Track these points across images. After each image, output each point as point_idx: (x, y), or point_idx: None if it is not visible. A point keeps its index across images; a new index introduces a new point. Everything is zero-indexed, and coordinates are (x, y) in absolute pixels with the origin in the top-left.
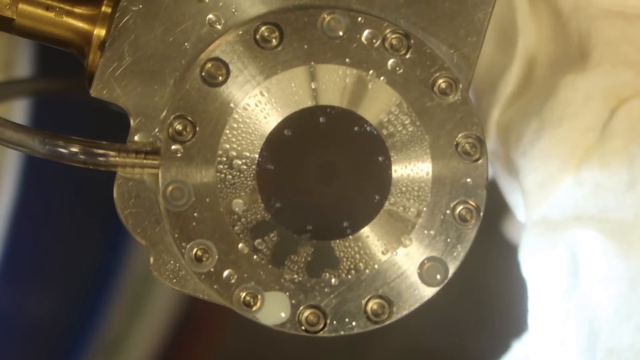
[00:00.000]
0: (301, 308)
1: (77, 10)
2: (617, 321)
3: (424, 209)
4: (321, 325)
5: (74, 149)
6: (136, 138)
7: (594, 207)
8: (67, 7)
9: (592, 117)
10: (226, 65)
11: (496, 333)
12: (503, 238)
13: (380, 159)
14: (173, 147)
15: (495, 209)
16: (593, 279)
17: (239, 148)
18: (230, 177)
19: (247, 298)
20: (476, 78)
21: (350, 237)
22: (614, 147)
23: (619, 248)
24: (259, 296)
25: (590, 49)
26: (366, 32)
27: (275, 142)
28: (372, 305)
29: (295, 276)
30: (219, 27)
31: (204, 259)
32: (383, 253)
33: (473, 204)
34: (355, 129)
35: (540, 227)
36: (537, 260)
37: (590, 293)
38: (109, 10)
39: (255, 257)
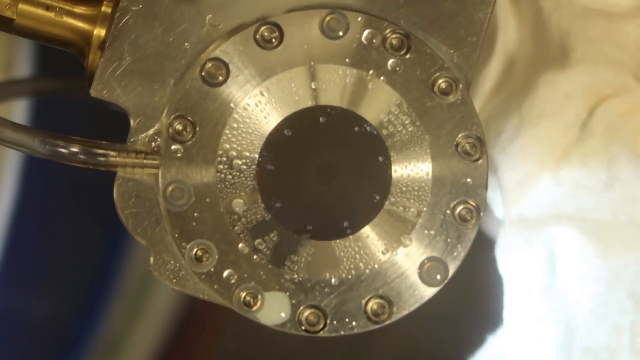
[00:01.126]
0: (301, 308)
1: (77, 10)
2: (593, 320)
3: (424, 208)
4: (321, 325)
5: (74, 149)
6: (136, 138)
7: (573, 206)
8: (67, 7)
9: (571, 115)
10: (226, 65)
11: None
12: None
13: (380, 159)
14: (173, 147)
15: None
16: (570, 278)
17: (239, 148)
18: (230, 177)
19: (247, 298)
20: None
21: (350, 237)
22: (593, 146)
23: (596, 247)
24: (259, 296)
25: (571, 47)
26: (366, 32)
27: (275, 142)
28: (372, 305)
29: (295, 276)
30: (219, 27)
31: (204, 259)
32: (383, 253)
33: (473, 204)
34: (355, 129)
35: (517, 225)
36: (514, 258)
37: (567, 292)
38: (109, 10)
39: (255, 257)
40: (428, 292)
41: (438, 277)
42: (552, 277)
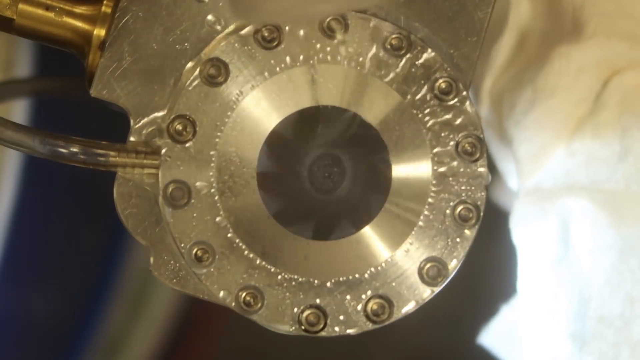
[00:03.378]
0: (301, 308)
1: (77, 10)
2: (607, 290)
3: (424, 209)
4: (321, 325)
5: (74, 149)
6: (136, 138)
7: (586, 177)
8: (67, 7)
9: (585, 88)
10: (226, 65)
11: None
12: (503, 238)
13: (380, 159)
14: (173, 147)
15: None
16: (584, 248)
17: (239, 148)
18: (230, 177)
19: (247, 298)
20: None
21: (350, 237)
22: (606, 118)
23: (610, 218)
24: (259, 296)
25: (585, 20)
26: (366, 32)
27: (275, 142)
28: (372, 305)
29: (296, 276)
30: (218, 27)
31: (204, 259)
32: (383, 253)
33: (473, 203)
34: (355, 129)
35: (532, 196)
36: (528, 229)
37: (580, 262)
38: (109, 10)
39: (255, 257)
40: (428, 292)
41: (438, 277)
42: (566, 247)
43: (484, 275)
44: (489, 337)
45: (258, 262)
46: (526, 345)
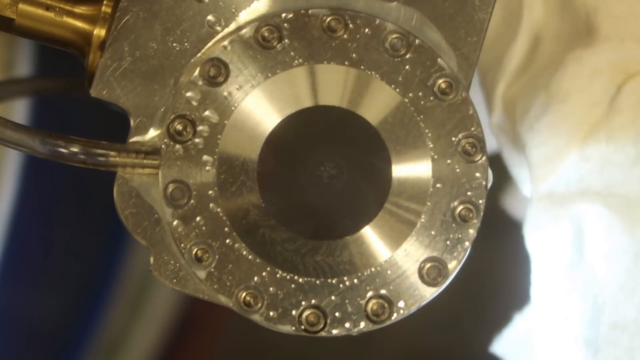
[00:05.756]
0: (301, 308)
1: (77, 10)
2: (621, 295)
3: (424, 209)
4: (321, 325)
5: (74, 149)
6: (136, 138)
7: (600, 182)
8: (67, 7)
9: (599, 92)
10: (226, 65)
11: (497, 332)
12: (503, 238)
13: (380, 159)
14: (173, 147)
15: (496, 207)
16: (598, 254)
17: (239, 148)
18: (230, 177)
19: (247, 298)
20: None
21: (350, 237)
22: (620, 122)
23: (624, 223)
24: (259, 296)
25: (598, 23)
26: (366, 32)
27: (275, 142)
28: (372, 305)
29: (296, 276)
30: (218, 27)
31: (204, 259)
32: (383, 253)
33: (473, 203)
34: (355, 129)
35: (545, 201)
36: (541, 235)
37: (594, 267)
38: (109, 10)
39: (255, 257)
40: (428, 292)
41: (438, 277)
42: (580, 253)
43: (486, 276)
44: (502, 346)
45: (258, 262)
46: (539, 352)
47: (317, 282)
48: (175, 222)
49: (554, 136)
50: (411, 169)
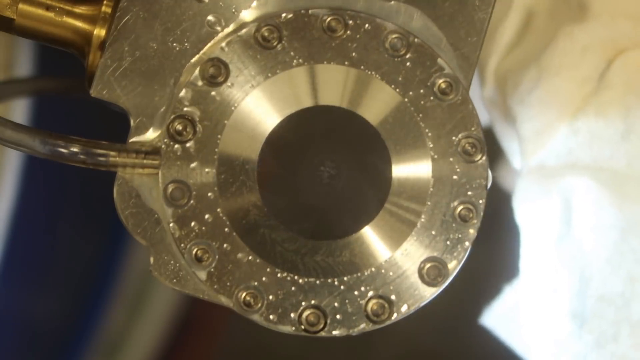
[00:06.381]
0: (301, 308)
1: (77, 10)
2: (608, 269)
3: (424, 209)
4: (321, 325)
5: (74, 149)
6: (136, 138)
7: (589, 155)
8: (67, 7)
9: (589, 67)
10: (226, 65)
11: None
12: (503, 238)
13: (380, 159)
14: (173, 147)
15: (496, 207)
16: (585, 227)
17: (239, 148)
18: (230, 177)
19: (247, 298)
20: None
21: (350, 237)
22: (610, 98)
23: (612, 197)
24: (259, 296)
25: (589, 0)
26: (366, 32)
27: (275, 142)
28: (372, 305)
29: (296, 276)
30: (218, 27)
31: (204, 259)
32: (383, 253)
33: (473, 203)
34: (355, 129)
35: (535, 174)
36: (530, 207)
37: (582, 241)
38: (109, 10)
39: (255, 257)
40: (428, 292)
41: (438, 277)
42: (568, 226)
43: (485, 277)
44: (491, 318)
45: (258, 261)
46: (527, 324)
47: (317, 282)
48: (175, 222)
49: (544, 110)
50: (411, 169)
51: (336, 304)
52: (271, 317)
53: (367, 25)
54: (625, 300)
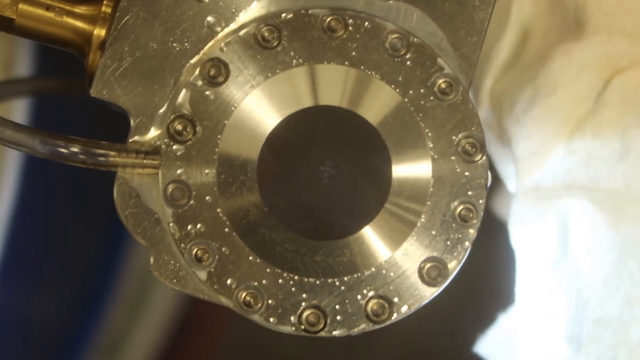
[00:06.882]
0: (301, 308)
1: (77, 10)
2: (605, 292)
3: (424, 209)
4: (321, 325)
5: (74, 149)
6: (136, 138)
7: (586, 176)
8: (67, 7)
9: (586, 86)
10: (226, 66)
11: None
12: (503, 238)
13: (380, 159)
14: (173, 147)
15: (497, 207)
16: (582, 249)
17: (239, 148)
18: (230, 177)
19: (247, 298)
20: None
21: (350, 237)
22: (607, 117)
23: (609, 218)
24: (259, 296)
25: (587, 18)
26: (366, 32)
27: (275, 142)
28: (372, 305)
29: (296, 276)
30: (218, 27)
31: (204, 259)
32: (383, 253)
33: (473, 204)
34: (355, 129)
35: (531, 195)
36: (526, 230)
37: (579, 263)
38: (109, 10)
39: (255, 257)
40: (428, 292)
41: (438, 277)
42: (565, 248)
43: (485, 276)
44: (486, 345)
45: (258, 262)
46: (523, 348)
47: (317, 282)
48: (175, 223)
49: (540, 130)
50: (411, 169)
51: (336, 304)
52: (271, 317)
53: (367, 25)
54: (623, 323)
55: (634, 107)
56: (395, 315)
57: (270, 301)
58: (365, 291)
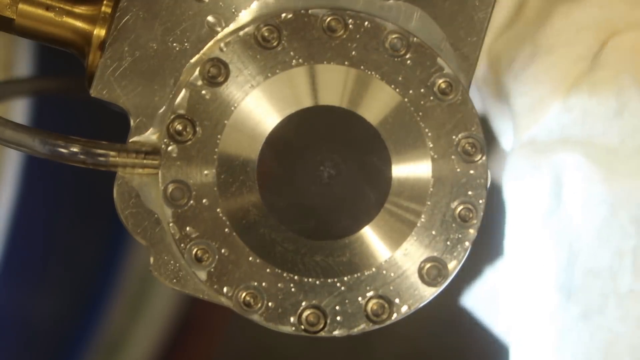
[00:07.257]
0: (301, 308)
1: (77, 10)
2: (596, 243)
3: (424, 209)
4: (321, 325)
5: (74, 149)
6: (136, 138)
7: (581, 132)
8: (67, 7)
9: (584, 46)
10: (226, 66)
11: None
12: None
13: (380, 159)
14: (173, 147)
15: (496, 207)
16: (575, 202)
17: (239, 148)
18: (230, 177)
19: (247, 298)
20: None
21: (350, 237)
22: (603, 76)
23: (603, 172)
24: (259, 296)
25: None
26: (366, 32)
27: (275, 142)
28: (372, 305)
29: (296, 276)
30: (218, 27)
31: (204, 259)
32: (383, 253)
33: (473, 203)
34: (355, 129)
35: (526, 149)
36: (520, 184)
37: (571, 215)
38: (109, 10)
39: (255, 257)
40: (428, 292)
41: (438, 277)
42: (558, 201)
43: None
44: (471, 298)
45: (258, 262)
46: (511, 299)
47: (317, 282)
48: (175, 223)
49: (538, 86)
50: (411, 169)
51: (336, 304)
52: (271, 317)
53: (367, 25)
54: (613, 273)
55: (630, 67)
56: (395, 315)
57: (270, 301)
58: (365, 291)
